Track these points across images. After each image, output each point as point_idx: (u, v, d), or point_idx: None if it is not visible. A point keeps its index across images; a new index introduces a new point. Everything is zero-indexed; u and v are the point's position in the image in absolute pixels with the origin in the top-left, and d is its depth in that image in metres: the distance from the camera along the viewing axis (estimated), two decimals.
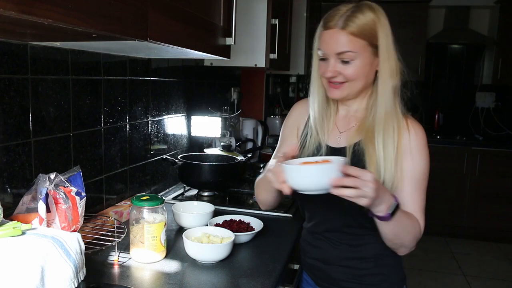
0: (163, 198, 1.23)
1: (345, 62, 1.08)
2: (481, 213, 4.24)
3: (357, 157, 1.11)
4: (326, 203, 1.15)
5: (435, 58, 4.72)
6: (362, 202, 0.93)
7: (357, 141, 1.13)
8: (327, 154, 1.16)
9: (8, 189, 1.12)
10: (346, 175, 0.92)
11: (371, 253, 1.17)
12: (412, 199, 1.11)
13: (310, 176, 0.94)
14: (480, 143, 4.30)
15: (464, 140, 4.37)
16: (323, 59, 1.12)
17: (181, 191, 1.94)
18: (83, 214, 1.17)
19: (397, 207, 1.01)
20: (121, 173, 1.61)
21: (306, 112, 1.25)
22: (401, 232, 1.06)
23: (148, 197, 1.21)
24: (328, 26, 1.08)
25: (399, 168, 1.09)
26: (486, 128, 4.66)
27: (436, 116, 4.64)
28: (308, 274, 1.31)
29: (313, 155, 1.17)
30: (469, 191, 4.25)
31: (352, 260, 1.18)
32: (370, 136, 1.10)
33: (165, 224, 1.21)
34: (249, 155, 2.10)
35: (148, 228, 1.18)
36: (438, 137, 4.43)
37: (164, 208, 1.22)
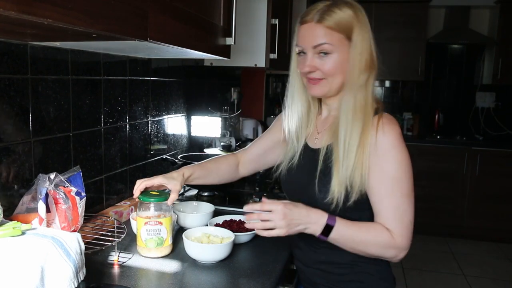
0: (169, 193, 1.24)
1: (322, 56, 1.06)
2: (481, 213, 4.23)
3: (328, 158, 1.09)
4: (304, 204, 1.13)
5: (435, 58, 4.72)
6: (276, 232, 1.02)
7: (329, 143, 1.11)
8: (304, 155, 1.17)
9: (8, 189, 1.11)
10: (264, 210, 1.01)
11: (347, 258, 1.12)
12: (384, 207, 1.04)
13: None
14: (480, 143, 4.30)
15: (464, 140, 4.37)
16: (300, 55, 1.11)
17: (181, 191, 1.94)
18: (83, 214, 1.17)
19: (329, 226, 1.02)
20: (121, 173, 1.61)
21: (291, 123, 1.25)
22: (356, 245, 1.05)
23: (155, 193, 1.22)
24: (305, 20, 1.07)
25: (366, 171, 1.04)
26: (486, 128, 4.66)
27: (436, 116, 4.64)
28: (297, 275, 1.32)
29: (292, 156, 1.19)
30: (469, 191, 4.25)
31: (329, 264, 1.16)
32: (336, 137, 1.08)
33: (171, 219, 1.23)
34: None
35: (156, 223, 1.18)
36: (438, 137, 4.43)
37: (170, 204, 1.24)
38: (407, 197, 1.04)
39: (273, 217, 1.01)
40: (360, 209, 1.07)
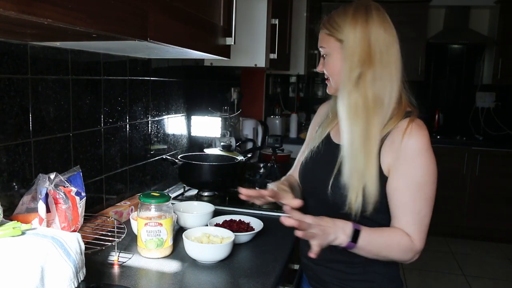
0: (170, 195, 1.25)
1: (323, 58, 1.16)
2: (481, 213, 4.23)
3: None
4: (320, 203, 1.17)
5: (435, 58, 4.72)
6: (317, 242, 0.99)
7: None
8: (326, 146, 1.21)
9: (8, 189, 1.11)
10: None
11: (360, 258, 1.10)
12: (405, 212, 1.05)
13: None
14: (480, 143, 4.30)
15: (464, 140, 4.37)
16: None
17: (181, 191, 1.94)
18: (83, 214, 1.17)
19: (357, 233, 1.01)
20: (121, 173, 1.61)
21: (326, 113, 1.30)
22: (380, 251, 1.05)
23: (156, 194, 1.23)
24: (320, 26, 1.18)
25: (386, 173, 1.06)
26: (486, 128, 4.66)
27: (436, 116, 4.64)
28: (304, 273, 1.32)
29: (318, 148, 1.21)
30: (469, 191, 4.25)
31: (340, 263, 1.16)
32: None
33: (172, 220, 1.23)
34: (249, 155, 2.10)
35: (156, 224, 1.18)
36: (438, 137, 4.43)
37: (171, 205, 1.24)
38: (429, 202, 1.05)
39: (315, 228, 0.99)
40: (378, 213, 1.08)
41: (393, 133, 1.06)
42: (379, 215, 1.08)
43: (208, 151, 2.14)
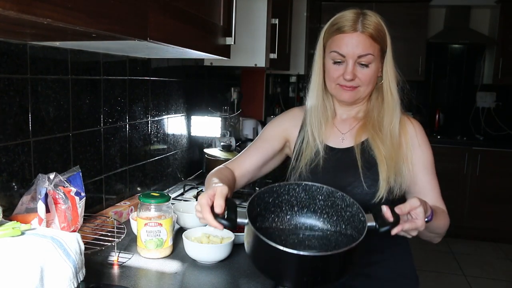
0: (170, 195, 1.25)
1: (363, 66, 1.12)
2: (482, 213, 4.23)
3: (366, 153, 1.15)
4: None
5: (435, 58, 4.72)
6: (419, 229, 0.92)
7: (364, 139, 1.16)
8: (330, 156, 1.18)
9: (7, 189, 1.11)
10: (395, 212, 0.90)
11: (386, 254, 1.18)
12: (431, 187, 1.16)
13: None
14: (480, 143, 4.29)
15: (464, 140, 4.37)
16: (337, 63, 1.14)
17: (181, 191, 1.93)
18: (83, 214, 1.17)
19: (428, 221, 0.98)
20: (121, 173, 1.61)
21: (299, 121, 1.26)
22: (440, 223, 1.09)
23: (156, 194, 1.22)
24: (344, 30, 1.11)
25: (410, 161, 1.14)
26: (487, 128, 4.65)
27: (437, 116, 4.64)
28: None
29: (311, 159, 1.19)
30: (470, 191, 4.25)
31: (370, 266, 1.17)
32: (377, 133, 1.15)
33: (172, 220, 1.23)
34: None
35: (156, 224, 1.18)
36: (439, 137, 4.43)
37: (170, 205, 1.24)
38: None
39: (418, 225, 0.91)
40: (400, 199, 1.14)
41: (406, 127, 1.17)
42: (400, 200, 1.12)
43: (208, 151, 2.14)
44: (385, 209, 0.90)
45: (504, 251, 4.05)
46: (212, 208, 0.91)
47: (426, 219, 0.94)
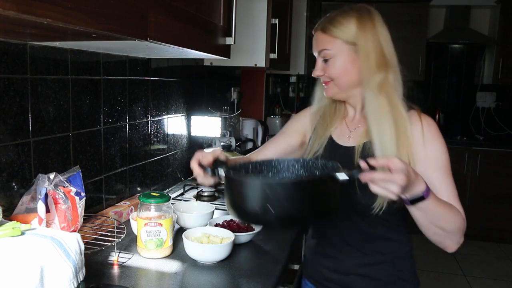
0: (170, 195, 1.25)
1: (325, 61, 1.13)
2: (482, 213, 4.23)
3: (367, 155, 1.10)
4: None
5: (435, 58, 4.72)
6: (392, 195, 0.87)
7: (366, 141, 1.13)
8: (332, 152, 1.19)
9: (7, 189, 1.11)
10: (371, 166, 0.87)
11: (388, 256, 1.15)
12: (445, 186, 1.09)
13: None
14: (480, 143, 4.29)
15: (464, 140, 4.37)
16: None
17: (181, 191, 1.93)
18: (83, 214, 1.17)
19: (422, 198, 0.93)
20: (121, 173, 1.61)
21: (310, 122, 1.29)
22: (441, 217, 0.99)
23: (156, 194, 1.23)
24: (315, 28, 1.17)
25: (412, 161, 1.07)
26: (487, 128, 4.66)
27: (437, 116, 4.63)
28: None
29: (314, 153, 1.21)
30: (470, 191, 4.25)
31: (372, 266, 1.16)
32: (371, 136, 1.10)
33: (172, 220, 1.23)
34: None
35: (156, 224, 1.18)
36: None
37: (170, 205, 1.24)
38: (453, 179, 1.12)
39: (395, 178, 0.86)
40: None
41: (412, 125, 1.10)
42: (390, 210, 1.08)
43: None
44: (362, 162, 0.88)
45: (504, 251, 4.05)
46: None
47: (417, 196, 0.91)
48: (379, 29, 1.11)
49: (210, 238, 1.26)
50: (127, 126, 1.64)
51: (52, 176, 1.09)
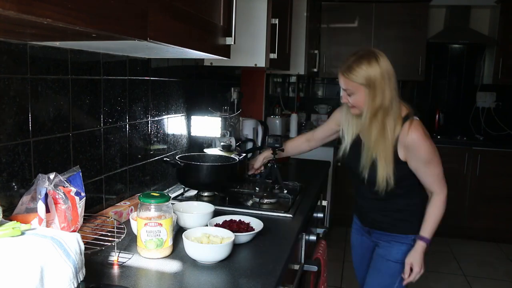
0: (170, 195, 1.25)
1: (349, 94, 1.63)
2: (482, 213, 4.23)
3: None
4: (360, 181, 1.73)
5: (435, 58, 4.72)
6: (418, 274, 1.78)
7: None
8: (358, 145, 1.73)
9: (7, 189, 1.11)
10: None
11: (400, 205, 1.74)
12: (428, 173, 1.65)
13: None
14: (480, 143, 4.29)
15: (464, 140, 4.37)
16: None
17: (181, 191, 1.93)
18: (83, 214, 1.17)
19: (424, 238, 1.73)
20: (121, 173, 1.61)
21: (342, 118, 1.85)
22: (437, 221, 1.74)
23: (156, 194, 1.23)
24: (339, 69, 1.63)
25: (401, 160, 1.64)
26: (487, 128, 4.66)
27: (437, 116, 4.64)
28: (357, 217, 1.96)
29: (344, 146, 1.77)
30: (470, 191, 4.25)
31: (387, 211, 1.76)
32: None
33: (172, 220, 1.23)
34: (249, 155, 2.10)
35: (156, 224, 1.18)
36: (439, 137, 4.43)
37: (170, 205, 1.24)
38: (438, 165, 1.65)
39: (417, 270, 1.76)
40: (400, 181, 1.65)
41: (401, 135, 1.60)
42: (401, 183, 1.65)
43: (208, 151, 2.14)
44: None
45: (504, 251, 4.05)
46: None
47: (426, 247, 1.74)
48: (382, 64, 1.57)
49: (210, 238, 1.26)
50: (127, 126, 1.64)
51: (52, 176, 1.09)
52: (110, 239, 1.19)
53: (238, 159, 1.90)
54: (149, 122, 1.80)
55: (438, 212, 1.70)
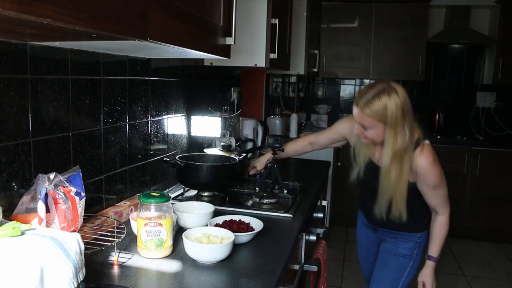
0: (170, 195, 1.25)
1: (364, 128, 1.61)
2: (482, 213, 4.23)
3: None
4: (373, 194, 1.74)
5: (435, 58, 4.72)
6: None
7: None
8: (367, 169, 1.76)
9: (7, 189, 1.11)
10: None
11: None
12: (433, 195, 1.71)
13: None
14: (480, 143, 4.29)
15: (464, 140, 4.37)
16: None
17: (181, 191, 1.93)
18: (83, 214, 1.17)
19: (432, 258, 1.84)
20: (121, 173, 1.61)
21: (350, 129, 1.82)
22: (442, 240, 1.84)
23: (156, 194, 1.23)
24: (356, 102, 1.60)
25: (413, 184, 1.68)
26: (487, 128, 4.66)
27: (437, 116, 4.63)
28: (363, 214, 2.00)
29: (358, 168, 1.79)
30: (470, 191, 4.25)
31: (390, 221, 1.76)
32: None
33: (172, 220, 1.23)
34: (248, 155, 2.10)
35: (156, 224, 1.18)
36: (439, 137, 4.43)
37: (170, 205, 1.24)
38: (444, 188, 1.71)
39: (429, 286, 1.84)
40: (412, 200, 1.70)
41: (412, 160, 1.61)
42: (411, 202, 1.68)
43: (208, 151, 2.14)
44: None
45: (504, 251, 4.05)
46: None
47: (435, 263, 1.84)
48: (401, 99, 1.54)
49: (210, 238, 1.26)
50: (127, 126, 1.64)
51: (52, 176, 1.09)
52: (110, 239, 1.19)
53: (238, 159, 1.90)
54: (149, 122, 1.80)
55: (443, 232, 1.79)
